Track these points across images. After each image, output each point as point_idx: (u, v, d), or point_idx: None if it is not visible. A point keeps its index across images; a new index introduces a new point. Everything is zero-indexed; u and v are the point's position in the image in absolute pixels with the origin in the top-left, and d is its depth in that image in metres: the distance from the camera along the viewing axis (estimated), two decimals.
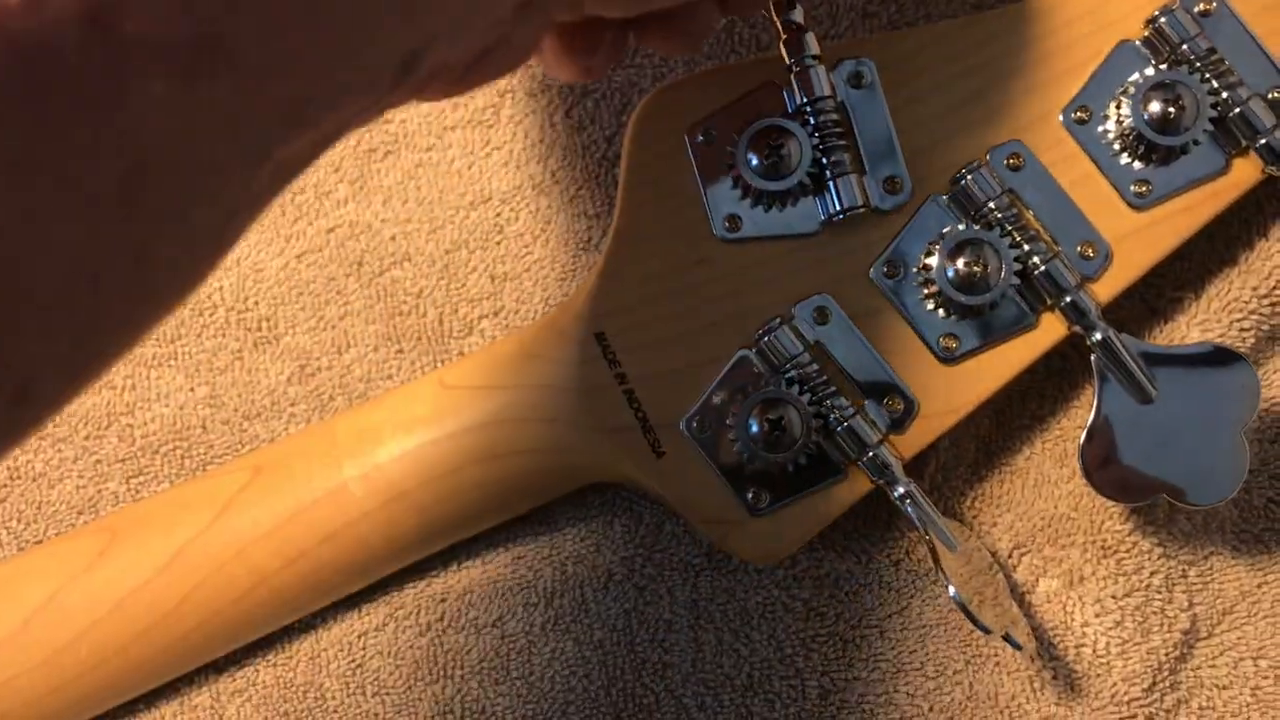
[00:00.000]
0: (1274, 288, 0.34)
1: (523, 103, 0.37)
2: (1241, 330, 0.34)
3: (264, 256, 0.37)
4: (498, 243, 0.37)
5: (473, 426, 0.33)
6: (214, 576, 0.34)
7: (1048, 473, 0.35)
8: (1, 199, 0.16)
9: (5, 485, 0.37)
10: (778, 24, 0.32)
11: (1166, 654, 0.34)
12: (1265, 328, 0.34)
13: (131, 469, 0.37)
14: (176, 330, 0.37)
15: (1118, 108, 0.32)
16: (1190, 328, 0.34)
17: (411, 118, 0.37)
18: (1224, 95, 0.31)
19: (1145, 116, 0.31)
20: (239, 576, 0.34)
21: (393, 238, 0.37)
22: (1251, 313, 0.34)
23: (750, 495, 0.32)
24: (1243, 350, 0.34)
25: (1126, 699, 0.34)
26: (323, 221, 0.37)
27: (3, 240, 0.17)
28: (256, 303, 0.37)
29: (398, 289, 0.37)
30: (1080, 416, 0.35)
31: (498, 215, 0.37)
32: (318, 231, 0.37)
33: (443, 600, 0.36)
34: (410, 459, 0.33)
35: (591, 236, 0.37)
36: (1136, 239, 0.32)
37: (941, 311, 0.32)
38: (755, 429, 0.31)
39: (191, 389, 0.37)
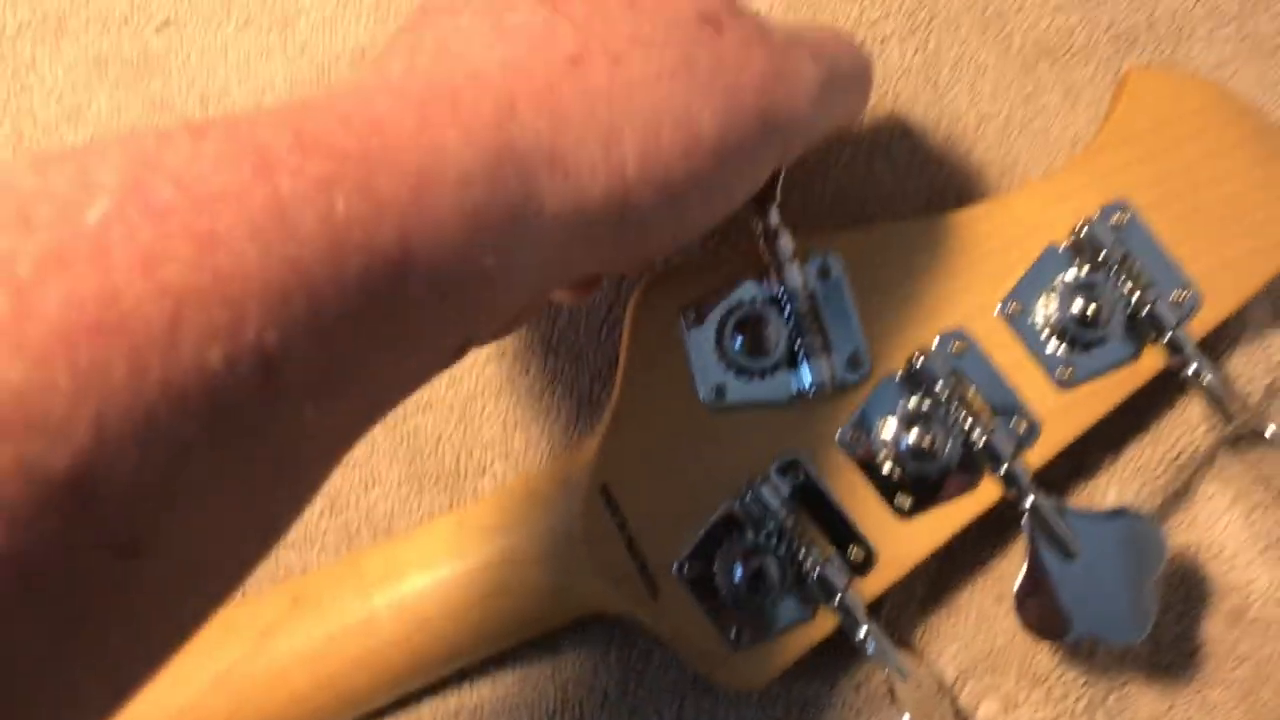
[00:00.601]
0: (1179, 455, 0.39)
1: None
2: (1151, 491, 0.39)
3: None
4: (510, 394, 0.42)
5: (488, 564, 0.38)
6: (256, 698, 0.38)
7: (987, 610, 0.40)
8: (192, 499, 0.20)
9: None
10: (757, 227, 0.37)
11: None
12: (1170, 489, 0.40)
13: None
14: None
15: (1046, 303, 0.37)
16: (1109, 486, 0.40)
17: None
18: (1136, 297, 0.37)
19: (1069, 313, 0.37)
20: (278, 698, 0.38)
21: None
22: (1159, 476, 0.39)
23: (733, 633, 0.37)
24: (1152, 506, 0.40)
25: None
26: None
27: (180, 532, 0.21)
28: None
29: (419, 434, 0.42)
30: (1014, 559, 0.40)
31: (511, 369, 0.42)
32: None
33: (456, 714, 0.40)
34: (433, 592, 0.38)
35: (593, 390, 0.42)
36: (1062, 415, 0.38)
37: (897, 473, 0.37)
38: (738, 576, 0.36)
39: None
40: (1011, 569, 0.40)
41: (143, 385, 0.19)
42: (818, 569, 0.36)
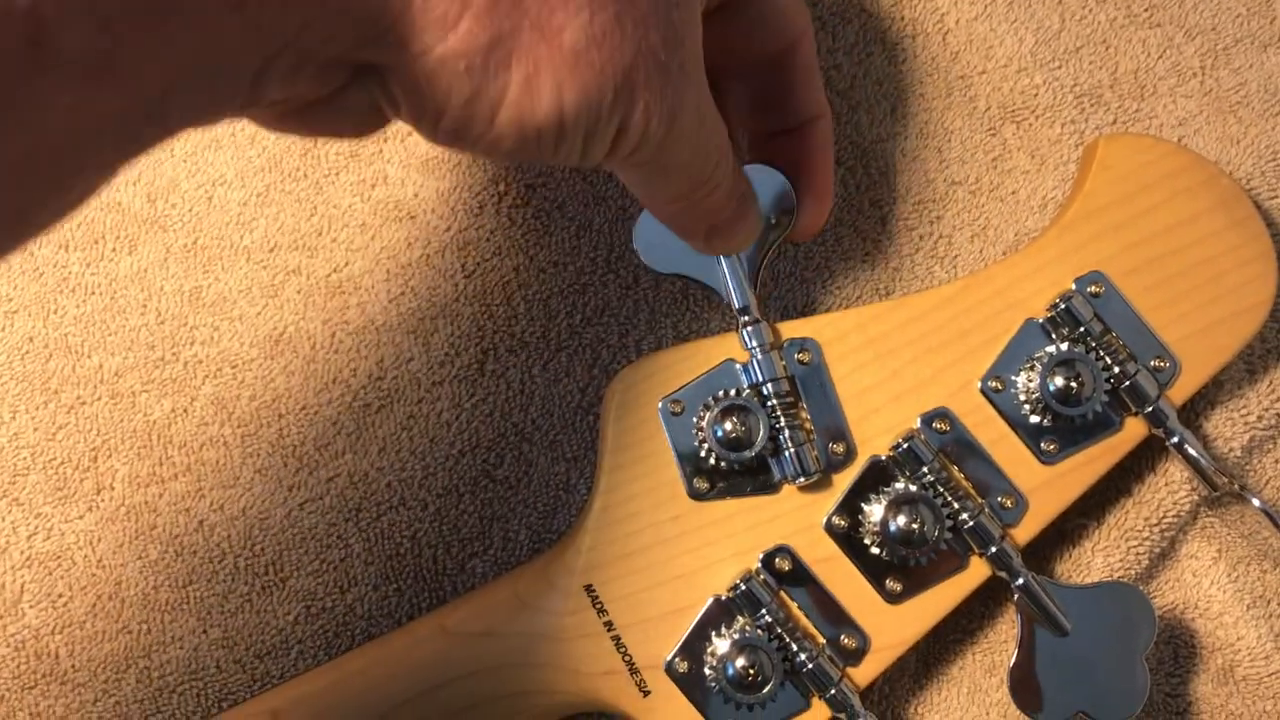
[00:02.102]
0: (1163, 517, 0.39)
1: (504, 359, 0.41)
2: (1137, 555, 0.39)
3: (268, 506, 0.41)
4: (485, 486, 0.41)
5: (475, 672, 0.37)
6: None
7: (979, 682, 0.40)
8: None
9: None
10: (735, 315, 0.37)
11: None
12: (1156, 551, 0.40)
13: (150, 709, 0.40)
14: (189, 576, 0.41)
15: (1028, 379, 0.37)
16: (1094, 552, 0.40)
17: (403, 374, 0.41)
18: (1116, 370, 0.37)
19: (1051, 388, 0.37)
20: None
21: (388, 485, 0.41)
22: (1144, 539, 0.39)
23: None
24: (1138, 570, 0.40)
25: None
26: (323, 472, 0.41)
27: None
28: (263, 549, 0.41)
29: (394, 532, 0.41)
30: (1003, 629, 0.40)
31: (484, 461, 0.41)
32: (318, 481, 0.41)
33: None
34: (418, 703, 0.37)
35: (570, 478, 0.41)
36: (1048, 489, 0.37)
37: (886, 557, 0.37)
38: (731, 672, 0.36)
39: (205, 631, 0.40)
40: (1001, 638, 0.40)
41: None
42: (811, 662, 0.36)
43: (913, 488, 0.37)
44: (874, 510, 0.37)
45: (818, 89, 0.36)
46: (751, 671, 0.36)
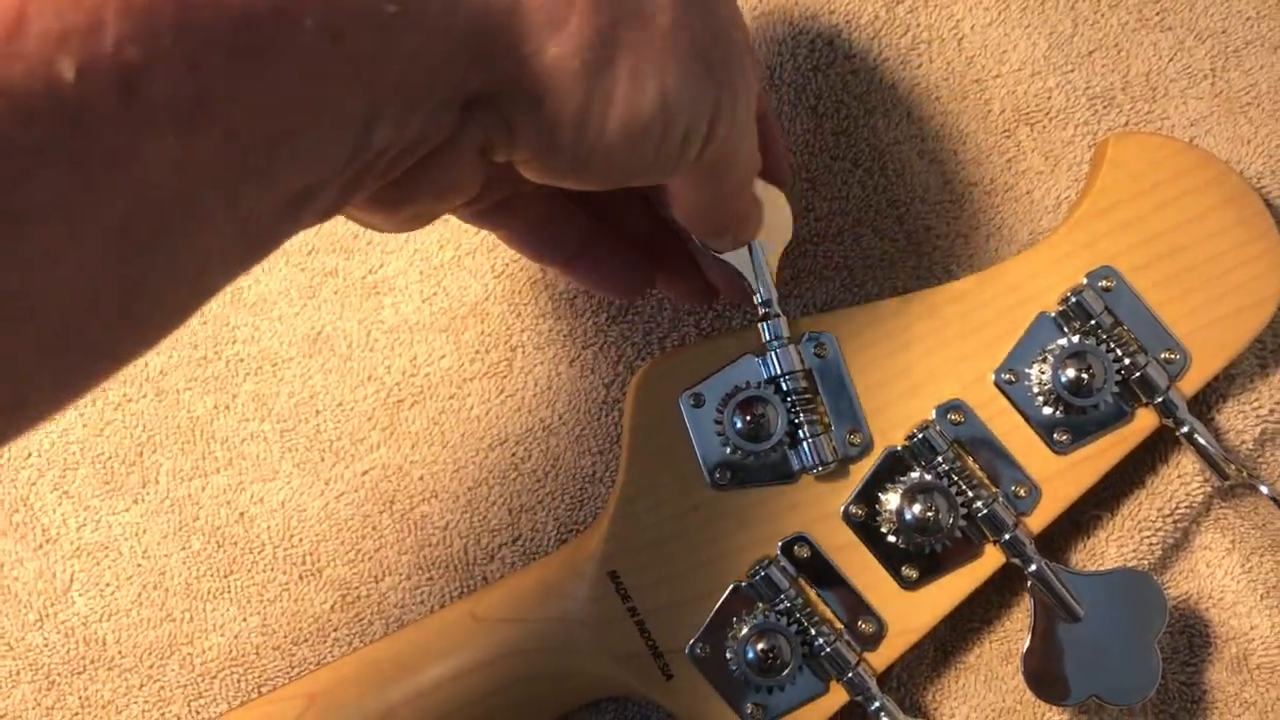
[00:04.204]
0: (1175, 507, 0.40)
1: (532, 356, 0.43)
2: (1150, 544, 0.40)
3: (306, 498, 0.42)
4: (514, 479, 0.42)
5: (502, 655, 0.38)
6: None
7: (996, 669, 0.41)
8: (26, 233, 0.19)
9: (77, 714, 0.42)
10: (756, 309, 0.38)
11: None
12: (1169, 541, 0.40)
13: (192, 693, 0.42)
14: (230, 566, 0.42)
15: (1040, 371, 0.38)
16: (1108, 543, 0.40)
17: (435, 371, 0.43)
18: (1127, 362, 0.38)
19: (1063, 380, 0.38)
20: None
21: (420, 477, 0.42)
22: (1158, 529, 0.40)
23: (749, 710, 0.37)
24: (1151, 560, 0.40)
25: None
26: (358, 465, 0.43)
27: (18, 273, 0.19)
28: (301, 540, 0.42)
29: (426, 523, 0.42)
30: (1019, 617, 0.41)
31: (513, 455, 0.42)
32: (354, 474, 0.43)
33: None
34: (449, 687, 0.38)
35: (596, 471, 0.42)
36: (1061, 479, 0.38)
37: (902, 545, 0.38)
38: (751, 655, 0.37)
39: (245, 619, 0.42)
40: (1017, 626, 0.41)
41: None
42: (829, 645, 0.37)
43: (928, 477, 0.38)
44: (890, 499, 0.38)
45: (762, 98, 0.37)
46: (771, 655, 0.37)
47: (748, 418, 0.38)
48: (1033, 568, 0.37)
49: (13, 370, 0.21)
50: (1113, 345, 0.38)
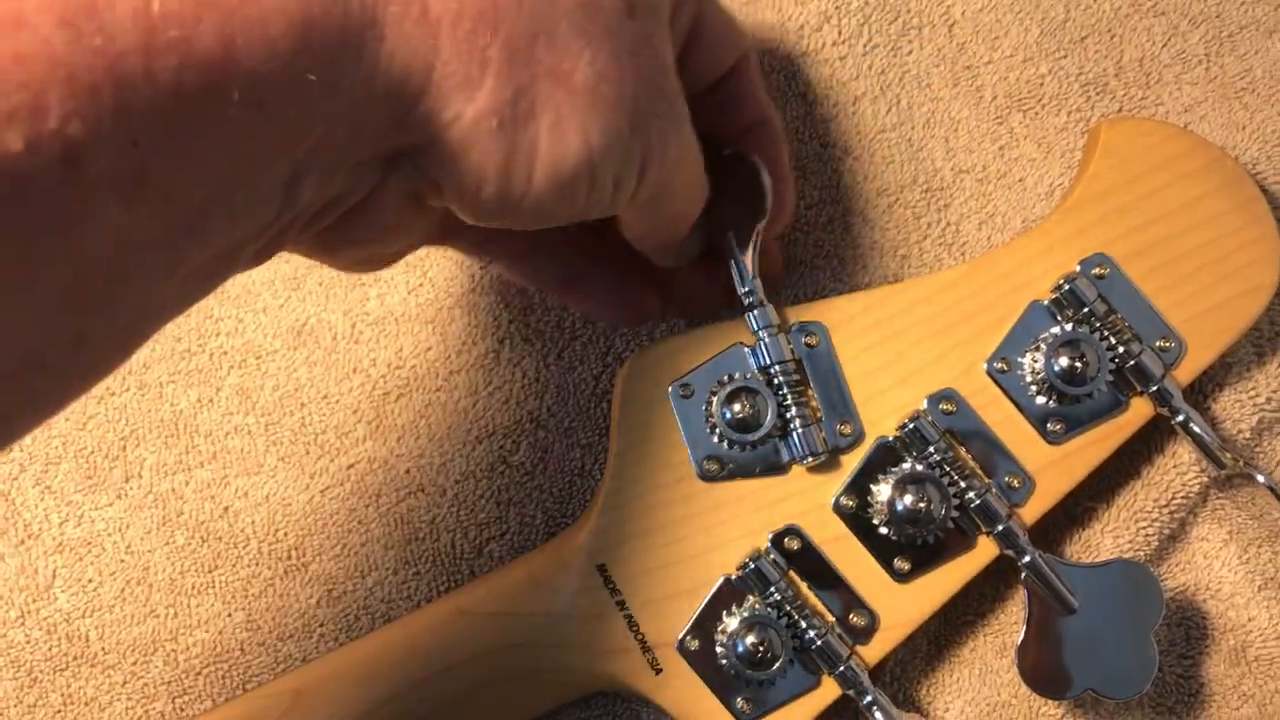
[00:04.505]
0: (1172, 498, 0.40)
1: (519, 348, 0.42)
2: (1146, 536, 0.40)
3: (291, 492, 0.42)
4: (501, 472, 0.42)
5: (490, 650, 0.38)
6: None
7: (990, 663, 0.40)
8: None
9: (59, 711, 0.41)
10: (741, 299, 0.37)
11: None
12: (1165, 532, 0.40)
13: (176, 690, 0.41)
14: (214, 561, 0.42)
15: (1033, 360, 0.38)
16: (1104, 535, 0.40)
17: (421, 363, 0.42)
18: (1121, 350, 0.37)
19: (1056, 369, 0.37)
20: None
21: (407, 471, 0.42)
22: (1154, 520, 0.40)
23: (739, 704, 0.37)
24: (1148, 552, 0.40)
25: None
26: (343, 459, 0.42)
27: None
28: (285, 534, 0.42)
29: (413, 517, 0.42)
30: (1014, 610, 0.40)
31: (500, 448, 0.42)
32: (339, 468, 0.42)
33: None
34: (436, 682, 0.38)
35: (585, 464, 0.42)
36: (1054, 469, 0.38)
37: (894, 537, 0.37)
38: (741, 649, 0.36)
39: (229, 614, 0.41)
40: (1011, 619, 0.40)
41: None
42: (821, 639, 0.36)
43: (920, 468, 0.37)
44: (882, 490, 0.37)
45: (763, 101, 0.37)
46: (761, 649, 0.36)
47: (737, 408, 0.37)
48: (1027, 559, 0.37)
49: None
50: (1106, 333, 0.37)
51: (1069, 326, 0.38)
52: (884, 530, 0.37)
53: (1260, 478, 0.36)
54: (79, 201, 0.21)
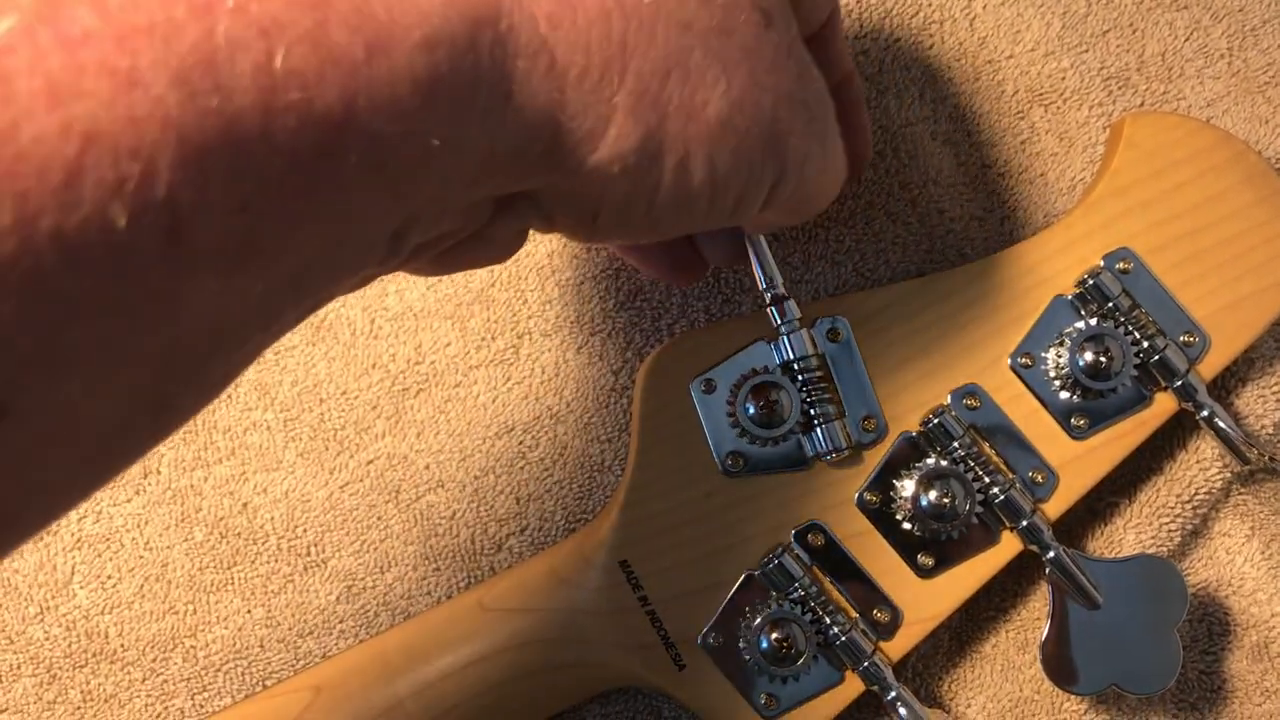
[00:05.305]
0: (1195, 493, 0.39)
1: (539, 342, 0.42)
2: (1169, 532, 0.40)
3: (310, 488, 0.42)
4: (521, 468, 0.42)
5: (511, 646, 0.38)
6: None
7: (1012, 658, 0.40)
8: (69, 374, 0.19)
9: (79, 708, 0.41)
10: (764, 294, 0.37)
11: None
12: (1188, 527, 0.40)
13: (196, 687, 0.41)
14: (233, 557, 0.41)
15: (1056, 354, 0.38)
16: (1126, 530, 0.40)
17: (440, 358, 0.42)
18: (1145, 345, 0.37)
19: (1080, 363, 0.37)
20: None
21: (426, 467, 0.42)
22: (1177, 516, 0.40)
23: (763, 700, 0.37)
24: (1170, 547, 0.40)
25: None
26: (363, 455, 0.42)
27: (58, 412, 0.19)
28: (305, 530, 0.42)
29: (433, 513, 0.42)
30: (1036, 606, 0.40)
31: (520, 443, 0.42)
32: (359, 464, 0.42)
33: None
34: (457, 678, 0.38)
35: (605, 459, 0.42)
36: (1078, 464, 0.38)
37: (918, 532, 0.37)
38: (765, 645, 0.36)
39: (249, 611, 0.41)
40: (1034, 615, 0.40)
41: (32, 234, 0.17)
42: (844, 634, 0.36)
43: (943, 463, 0.37)
44: (905, 485, 0.37)
45: (845, 55, 0.36)
46: (785, 645, 0.36)
47: (760, 403, 0.37)
48: (1050, 554, 0.37)
49: (43, 490, 0.21)
50: (1130, 328, 0.37)
51: (1093, 321, 0.37)
52: (907, 526, 0.37)
53: None
54: (181, 271, 0.19)
